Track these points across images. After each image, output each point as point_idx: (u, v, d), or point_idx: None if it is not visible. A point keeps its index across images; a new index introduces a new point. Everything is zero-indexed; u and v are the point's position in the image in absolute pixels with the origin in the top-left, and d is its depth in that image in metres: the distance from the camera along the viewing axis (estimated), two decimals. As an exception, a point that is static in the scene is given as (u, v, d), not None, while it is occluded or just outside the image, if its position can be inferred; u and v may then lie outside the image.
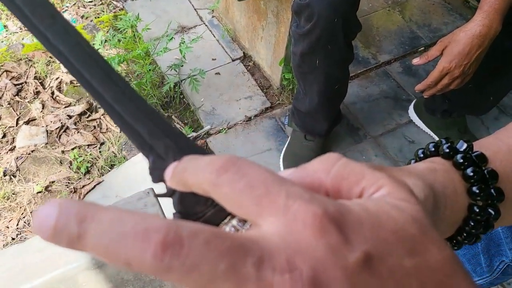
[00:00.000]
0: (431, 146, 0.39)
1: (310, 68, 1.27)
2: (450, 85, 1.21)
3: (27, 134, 1.74)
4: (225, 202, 0.23)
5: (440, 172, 0.35)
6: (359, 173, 0.24)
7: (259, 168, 0.22)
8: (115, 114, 0.32)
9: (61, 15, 0.33)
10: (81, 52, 0.32)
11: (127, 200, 0.80)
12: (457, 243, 0.38)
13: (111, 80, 0.32)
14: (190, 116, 1.77)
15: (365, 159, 1.63)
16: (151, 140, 0.31)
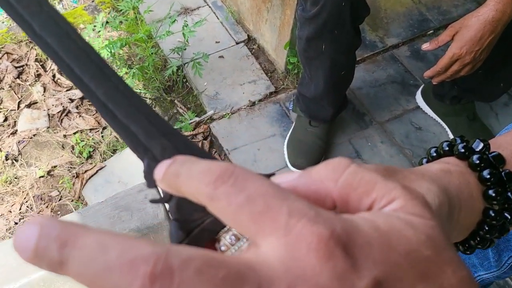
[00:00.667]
0: (445, 145, 0.37)
1: (316, 53, 1.24)
2: (460, 72, 1.18)
3: (29, 117, 1.73)
4: (222, 217, 0.21)
5: (455, 174, 0.33)
6: (369, 183, 0.22)
7: (259, 180, 0.21)
8: (108, 112, 0.29)
9: (48, 2, 0.30)
10: (71, 44, 0.29)
11: (127, 192, 0.79)
12: (470, 247, 0.37)
13: (104, 75, 0.29)
14: (193, 101, 1.74)
15: (371, 146, 1.60)
16: (146, 140, 0.29)
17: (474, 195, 0.34)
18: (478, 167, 0.34)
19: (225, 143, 1.61)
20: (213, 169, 0.21)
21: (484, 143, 0.36)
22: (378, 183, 0.22)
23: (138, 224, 0.78)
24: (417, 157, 1.59)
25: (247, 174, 0.21)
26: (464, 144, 0.36)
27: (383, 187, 0.22)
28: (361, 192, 0.22)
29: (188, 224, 0.28)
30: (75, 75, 0.29)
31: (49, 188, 1.59)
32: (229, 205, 0.20)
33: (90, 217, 0.78)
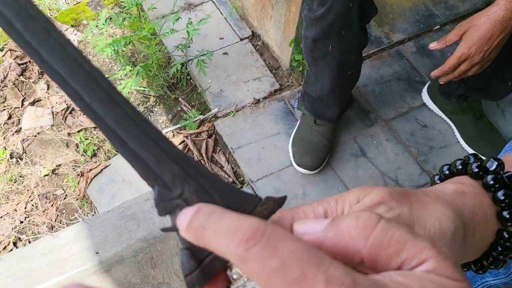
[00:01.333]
0: (458, 164, 0.37)
1: (322, 54, 1.22)
2: (468, 72, 1.16)
3: (33, 115, 1.72)
4: (255, 279, 0.21)
5: (469, 196, 0.33)
6: (399, 242, 0.22)
7: (292, 241, 0.20)
8: (117, 139, 0.29)
9: (55, 27, 0.29)
10: (79, 69, 0.29)
11: (133, 201, 0.78)
12: (482, 267, 0.36)
13: (113, 100, 0.29)
14: (197, 98, 1.73)
15: (376, 144, 1.59)
16: (156, 166, 0.29)
17: (488, 217, 0.33)
18: (492, 188, 0.34)
19: (229, 141, 1.60)
20: (243, 227, 0.21)
21: (499, 162, 0.35)
22: (408, 242, 0.22)
23: (145, 234, 0.78)
24: (422, 155, 1.58)
25: (279, 233, 0.21)
26: (478, 164, 0.35)
27: (413, 247, 0.22)
28: (391, 252, 0.22)
29: (199, 252, 0.28)
30: (83, 102, 0.29)
31: (54, 187, 1.59)
32: (263, 269, 0.20)
33: (97, 227, 0.78)
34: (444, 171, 0.38)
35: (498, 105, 1.69)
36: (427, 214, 0.29)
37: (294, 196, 1.49)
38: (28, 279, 0.72)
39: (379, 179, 1.53)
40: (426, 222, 0.28)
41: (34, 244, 0.76)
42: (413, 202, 0.30)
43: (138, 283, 0.77)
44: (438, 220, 0.29)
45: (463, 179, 0.35)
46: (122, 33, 1.78)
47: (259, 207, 0.29)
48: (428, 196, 0.31)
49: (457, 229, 0.29)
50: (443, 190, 0.33)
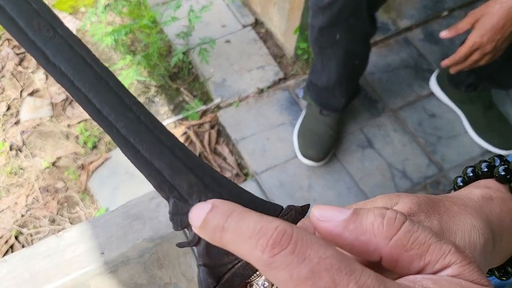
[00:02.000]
0: (484, 166, 0.35)
1: (329, 43, 1.19)
2: (480, 61, 1.13)
3: (32, 106, 1.69)
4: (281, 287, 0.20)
5: (497, 201, 0.32)
6: (424, 244, 0.22)
7: (321, 247, 0.19)
8: (129, 147, 0.26)
9: (62, 24, 0.26)
10: (88, 70, 0.26)
11: (139, 199, 0.75)
12: (506, 273, 0.35)
13: (124, 105, 0.26)
14: (199, 88, 1.70)
15: (383, 135, 1.56)
16: (172, 177, 0.26)
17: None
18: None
19: (233, 132, 1.57)
20: (268, 230, 0.20)
21: None
22: (432, 246, 0.22)
23: (151, 233, 0.75)
24: (430, 146, 1.55)
25: (307, 238, 0.19)
26: (505, 167, 0.34)
27: (437, 251, 0.22)
28: (414, 254, 0.22)
29: (217, 269, 0.26)
30: (92, 106, 0.26)
31: (54, 180, 1.56)
32: (291, 277, 0.19)
33: (101, 226, 0.75)
34: (468, 173, 0.37)
35: (508, 95, 1.65)
36: (456, 227, 0.28)
37: (299, 188, 1.46)
38: (33, 280, 0.70)
39: (386, 170, 1.50)
40: (456, 236, 0.28)
41: (38, 245, 0.73)
42: (441, 214, 0.29)
43: (144, 284, 0.75)
44: (467, 232, 0.28)
45: (489, 183, 0.34)
46: (122, 21, 1.73)
47: (281, 217, 0.27)
48: (456, 205, 0.30)
49: (486, 241, 0.28)
50: (470, 197, 0.32)
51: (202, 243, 0.26)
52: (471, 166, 0.37)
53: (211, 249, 0.26)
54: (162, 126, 0.27)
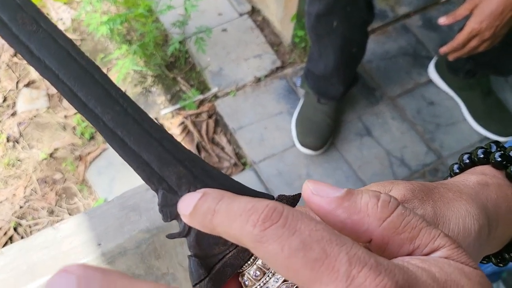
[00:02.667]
0: (480, 153, 0.35)
1: (326, 31, 1.17)
2: (479, 48, 1.12)
3: (28, 97, 1.68)
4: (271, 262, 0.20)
5: (493, 188, 0.32)
6: (415, 228, 0.22)
7: (311, 221, 0.20)
8: (116, 140, 0.26)
9: (45, 18, 0.26)
10: (72, 63, 0.26)
11: (134, 190, 0.75)
12: (503, 259, 0.35)
13: (110, 97, 0.26)
14: (196, 77, 1.69)
15: (381, 123, 1.56)
16: (161, 168, 0.26)
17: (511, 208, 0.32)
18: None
19: (230, 122, 1.56)
20: (258, 207, 0.20)
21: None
22: (423, 229, 0.22)
23: (148, 224, 0.75)
24: (428, 133, 1.54)
25: (297, 214, 0.20)
26: (501, 153, 0.34)
27: (427, 235, 0.22)
28: (405, 237, 0.22)
29: (208, 260, 0.26)
30: (78, 100, 0.26)
31: (52, 171, 1.56)
32: (281, 250, 0.19)
33: (97, 218, 0.75)
34: (464, 159, 0.36)
35: (507, 81, 1.64)
36: (450, 213, 0.28)
37: (297, 177, 1.46)
38: (30, 272, 0.70)
39: (384, 158, 1.50)
40: (450, 222, 0.28)
41: (35, 237, 0.73)
42: (436, 200, 0.29)
43: (142, 275, 0.75)
44: (462, 218, 0.28)
45: (486, 169, 0.34)
46: (117, 10, 1.72)
47: None
48: (451, 192, 0.30)
49: (481, 227, 0.28)
50: (466, 183, 0.32)
51: (192, 234, 0.26)
52: (467, 153, 0.37)
53: (201, 239, 0.26)
54: (150, 118, 0.27)
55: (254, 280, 0.26)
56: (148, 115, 0.27)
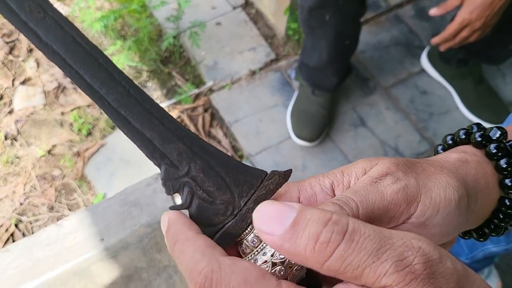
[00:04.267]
0: (462, 133, 0.37)
1: (319, 23, 1.19)
2: (470, 38, 1.13)
3: (24, 95, 1.68)
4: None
5: (472, 164, 0.34)
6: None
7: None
8: (121, 119, 0.29)
9: (52, 6, 0.28)
10: (78, 48, 0.28)
11: (135, 187, 0.77)
12: (484, 234, 0.37)
13: (114, 79, 0.28)
14: (191, 71, 1.70)
15: (375, 113, 1.58)
16: (163, 145, 0.29)
17: (490, 185, 0.34)
18: (495, 156, 0.34)
19: (226, 115, 1.58)
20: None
21: (502, 131, 0.36)
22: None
23: (149, 219, 0.77)
24: (422, 122, 1.57)
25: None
26: (481, 133, 0.36)
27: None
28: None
29: (209, 229, 0.29)
30: (84, 82, 0.28)
31: (51, 168, 1.57)
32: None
33: (99, 214, 0.77)
34: (447, 140, 0.38)
35: (498, 69, 1.66)
36: (432, 184, 0.30)
37: (294, 168, 1.48)
38: (35, 268, 0.72)
39: (379, 148, 1.52)
40: (432, 192, 0.29)
41: (39, 234, 0.75)
42: (418, 173, 0.30)
43: (144, 267, 0.77)
44: (443, 189, 0.30)
45: (467, 148, 0.36)
46: (111, 6, 1.72)
47: (266, 182, 0.30)
48: (432, 166, 0.31)
49: (461, 197, 0.30)
50: (447, 159, 0.33)
51: (194, 206, 0.29)
52: (450, 134, 0.38)
53: (202, 210, 0.29)
54: (151, 98, 0.29)
55: (252, 247, 0.28)
56: (149, 95, 0.29)
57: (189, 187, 0.29)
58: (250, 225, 0.29)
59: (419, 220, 0.29)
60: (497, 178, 0.34)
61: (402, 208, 0.28)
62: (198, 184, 0.29)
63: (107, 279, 0.71)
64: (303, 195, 0.31)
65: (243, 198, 0.29)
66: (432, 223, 0.29)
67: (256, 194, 0.29)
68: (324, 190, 0.31)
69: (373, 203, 0.28)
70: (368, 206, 0.28)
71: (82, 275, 0.73)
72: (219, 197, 0.29)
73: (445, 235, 0.30)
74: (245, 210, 0.29)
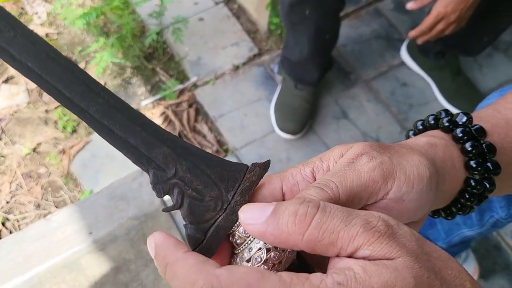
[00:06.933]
0: (431, 119, 0.40)
1: (299, 19, 1.21)
2: (445, 31, 1.17)
3: (8, 94, 1.68)
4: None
5: (440, 147, 0.36)
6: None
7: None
8: (104, 129, 0.30)
9: (21, 24, 0.28)
10: (53, 64, 0.29)
11: (121, 181, 0.79)
12: (451, 213, 0.39)
13: (92, 91, 0.29)
14: (175, 67, 1.71)
15: (357, 105, 1.61)
16: (148, 150, 0.30)
17: (456, 166, 0.36)
18: (461, 140, 0.37)
19: (211, 110, 1.59)
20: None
21: (467, 117, 0.38)
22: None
23: (136, 211, 0.79)
24: (402, 114, 1.61)
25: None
26: (448, 118, 0.38)
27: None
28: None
29: (202, 225, 0.30)
30: (64, 96, 0.29)
31: (36, 165, 1.58)
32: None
33: (87, 208, 0.79)
34: (418, 126, 0.41)
35: (475, 60, 1.71)
36: (405, 162, 0.32)
37: (278, 161, 1.51)
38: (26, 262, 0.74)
39: (361, 139, 1.55)
40: (406, 169, 0.31)
41: (28, 229, 0.76)
42: (392, 153, 0.32)
43: (132, 259, 0.79)
44: (416, 166, 0.32)
45: (435, 132, 0.38)
46: (92, 3, 1.72)
47: (248, 174, 0.31)
48: (404, 148, 0.34)
49: (432, 175, 0.32)
50: (417, 142, 0.35)
51: (185, 205, 0.30)
52: (420, 120, 0.41)
53: (193, 209, 0.30)
54: (130, 107, 0.30)
55: (245, 237, 0.30)
56: (128, 104, 0.30)
57: (179, 187, 0.30)
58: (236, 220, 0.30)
59: (396, 195, 0.31)
60: (463, 160, 0.36)
61: (379, 184, 0.30)
62: (186, 184, 0.30)
63: (96, 271, 0.73)
64: (286, 185, 0.32)
65: (229, 192, 0.30)
66: (408, 198, 0.31)
67: (241, 187, 0.31)
68: (306, 178, 0.33)
69: (352, 182, 0.30)
70: (347, 185, 0.30)
71: (72, 267, 0.74)
72: (208, 194, 0.30)
73: (419, 209, 0.32)
74: (233, 203, 0.30)
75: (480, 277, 1.32)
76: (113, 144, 0.30)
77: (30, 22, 1.81)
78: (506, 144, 0.38)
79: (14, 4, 1.83)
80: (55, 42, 1.77)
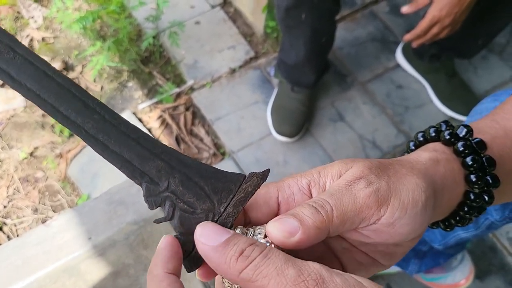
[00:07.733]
0: (432, 131, 0.40)
1: (295, 22, 1.22)
2: (440, 34, 1.18)
3: (4, 98, 1.67)
4: None
5: (442, 163, 0.37)
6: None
7: None
8: (99, 145, 0.30)
9: (20, 44, 0.29)
10: (50, 82, 0.29)
11: (120, 186, 0.79)
12: (450, 225, 0.40)
13: (88, 108, 0.30)
14: (172, 71, 1.71)
15: (353, 107, 1.62)
16: (141, 164, 0.31)
17: (457, 180, 0.37)
18: (462, 154, 0.37)
19: (208, 113, 1.60)
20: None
21: (468, 129, 0.39)
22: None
23: (135, 217, 0.80)
24: (398, 116, 1.62)
25: None
26: (450, 131, 0.39)
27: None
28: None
29: (192, 236, 0.30)
30: (60, 114, 0.30)
31: (33, 170, 1.58)
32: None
33: (86, 213, 0.79)
34: (418, 137, 0.41)
35: (470, 62, 1.73)
36: (402, 187, 0.32)
37: (275, 164, 1.51)
38: (26, 267, 0.74)
39: (357, 142, 1.56)
40: (401, 194, 0.32)
41: (28, 234, 0.76)
42: (390, 176, 0.33)
43: (131, 264, 0.79)
44: (412, 191, 0.32)
45: (437, 146, 0.39)
46: (89, 7, 1.72)
47: (244, 185, 0.31)
48: (404, 168, 0.34)
49: (428, 198, 0.33)
50: (419, 159, 0.36)
51: (176, 217, 0.31)
52: (421, 131, 0.41)
53: (184, 221, 0.31)
54: (126, 121, 0.31)
55: None
56: (123, 118, 0.30)
57: (170, 200, 0.31)
58: (231, 228, 0.31)
59: (388, 220, 0.32)
60: (464, 173, 0.37)
61: (373, 211, 0.31)
62: (178, 197, 0.31)
63: (96, 276, 0.74)
64: (282, 195, 0.33)
65: (222, 204, 0.31)
66: (400, 223, 0.32)
67: (235, 198, 0.31)
68: (302, 190, 0.33)
69: (347, 206, 0.31)
70: (342, 209, 0.30)
71: (71, 272, 0.75)
72: (199, 206, 0.31)
73: (412, 232, 0.33)
74: (225, 215, 0.31)
75: (476, 278, 1.33)
76: (108, 159, 0.31)
77: (26, 26, 1.81)
78: (505, 155, 0.39)
79: (10, 8, 1.83)
80: (52, 46, 1.77)
